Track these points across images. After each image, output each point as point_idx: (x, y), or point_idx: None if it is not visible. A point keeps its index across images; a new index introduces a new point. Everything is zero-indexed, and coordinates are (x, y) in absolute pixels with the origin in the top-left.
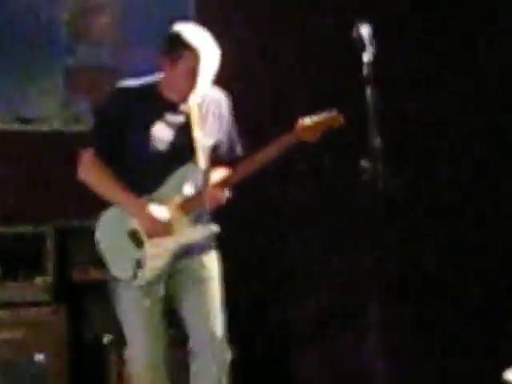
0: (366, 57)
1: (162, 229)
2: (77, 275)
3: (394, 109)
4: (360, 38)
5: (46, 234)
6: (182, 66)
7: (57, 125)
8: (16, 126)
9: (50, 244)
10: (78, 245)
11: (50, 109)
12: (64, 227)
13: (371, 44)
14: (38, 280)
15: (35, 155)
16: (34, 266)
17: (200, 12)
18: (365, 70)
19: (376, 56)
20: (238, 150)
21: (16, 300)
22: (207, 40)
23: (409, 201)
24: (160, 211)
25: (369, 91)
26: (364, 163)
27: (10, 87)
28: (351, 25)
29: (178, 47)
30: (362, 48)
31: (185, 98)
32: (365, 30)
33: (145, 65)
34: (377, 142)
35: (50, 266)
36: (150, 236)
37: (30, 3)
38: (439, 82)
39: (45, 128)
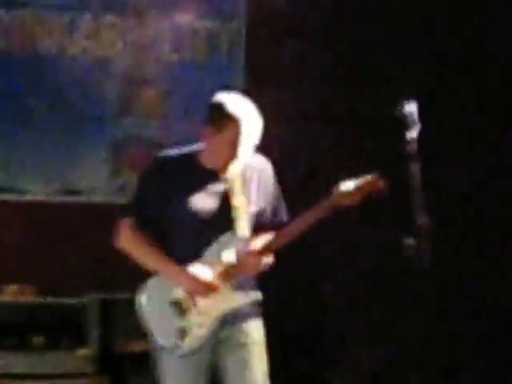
0: (412, 133)
1: (208, 288)
2: (120, 346)
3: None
4: (405, 117)
5: (89, 305)
6: (224, 136)
7: (103, 196)
8: (63, 198)
9: (93, 315)
10: (121, 316)
11: (97, 180)
12: (107, 299)
13: (417, 121)
14: (81, 351)
15: (82, 227)
16: (77, 337)
17: (249, 85)
18: (410, 147)
19: (421, 133)
20: (282, 216)
21: (59, 371)
22: (250, 110)
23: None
24: (204, 271)
25: (414, 168)
26: (408, 240)
27: (59, 158)
28: (398, 101)
29: (221, 117)
30: (409, 125)
31: (225, 167)
32: (411, 108)
33: (191, 137)
34: (422, 219)
35: (93, 336)
36: (195, 294)
37: (81, 77)
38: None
39: (92, 199)
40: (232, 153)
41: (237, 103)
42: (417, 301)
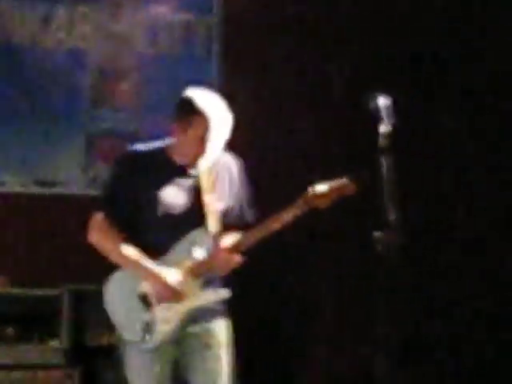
0: (383, 128)
1: (174, 294)
2: (90, 339)
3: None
4: (376, 109)
5: (61, 297)
6: (192, 132)
7: (77, 188)
8: (35, 189)
9: (65, 306)
10: (93, 309)
11: (70, 172)
12: (79, 291)
13: (389, 115)
14: (52, 343)
15: (53, 218)
16: (49, 329)
17: (223, 77)
18: (381, 141)
19: (393, 127)
20: (249, 216)
21: (29, 362)
22: (219, 106)
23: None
24: (172, 275)
25: (384, 162)
26: (377, 234)
27: (31, 150)
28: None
29: (189, 113)
30: (379, 119)
31: (194, 163)
32: (381, 101)
33: (166, 130)
34: (391, 213)
35: (64, 329)
36: (161, 301)
37: (55, 69)
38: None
39: (65, 191)
40: (199, 149)
41: (205, 99)
42: (388, 298)
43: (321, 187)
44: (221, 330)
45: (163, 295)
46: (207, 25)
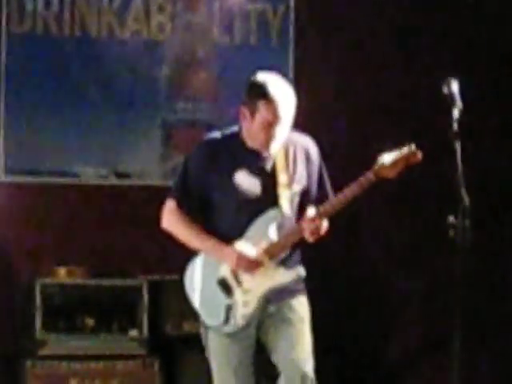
0: (456, 112)
1: (251, 263)
2: (170, 328)
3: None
4: (450, 94)
5: (140, 287)
6: (259, 116)
7: (155, 179)
8: (113, 181)
9: (144, 297)
10: (171, 298)
11: (148, 163)
12: (158, 280)
13: (460, 100)
14: (133, 332)
15: (132, 209)
16: (128, 319)
17: (298, 65)
18: (454, 126)
19: (465, 112)
20: (328, 194)
21: (109, 352)
22: (285, 91)
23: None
24: (247, 247)
25: (458, 147)
26: (451, 219)
27: (109, 142)
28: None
29: (256, 98)
30: (452, 103)
31: (265, 147)
32: (455, 86)
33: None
34: (465, 198)
35: (144, 319)
36: (239, 271)
37: (131, 61)
38: None
39: (142, 182)
40: (267, 134)
41: (273, 84)
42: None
43: (388, 157)
44: (300, 305)
45: (242, 267)
46: (282, 14)
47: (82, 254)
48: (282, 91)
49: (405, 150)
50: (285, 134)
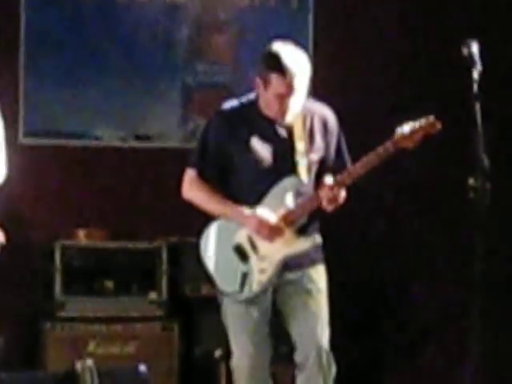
0: (475, 74)
1: (272, 230)
2: (189, 290)
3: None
4: (470, 55)
5: (159, 250)
6: (272, 89)
7: (174, 142)
8: (134, 143)
9: (163, 260)
10: (191, 261)
11: (167, 126)
12: (177, 243)
13: (479, 61)
14: (152, 295)
15: (152, 172)
16: (147, 282)
17: (317, 32)
18: (474, 87)
19: (484, 73)
20: (346, 164)
21: (129, 315)
22: (300, 62)
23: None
24: (267, 214)
25: (477, 108)
26: (471, 181)
27: (129, 105)
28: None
29: (269, 70)
30: (472, 65)
31: (280, 117)
32: (474, 48)
33: None
34: (485, 160)
35: (163, 281)
36: (260, 237)
37: (152, 23)
38: None
39: (162, 145)
40: (280, 106)
41: (288, 55)
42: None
43: (407, 127)
44: (319, 275)
45: (262, 233)
46: None
47: (102, 216)
48: (295, 63)
49: (423, 120)
50: (299, 104)
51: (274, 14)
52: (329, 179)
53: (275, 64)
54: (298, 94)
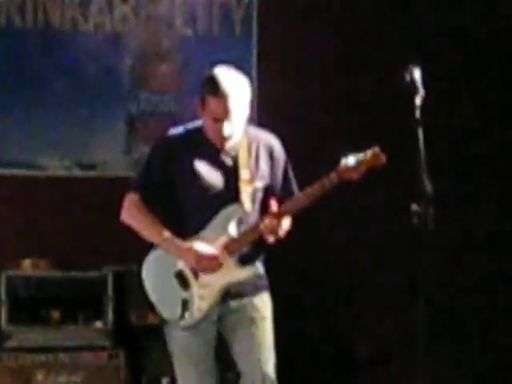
0: (418, 100)
1: (209, 263)
2: (135, 319)
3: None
4: (412, 81)
5: (105, 279)
6: (208, 111)
7: (119, 171)
8: (78, 172)
9: (109, 288)
10: (136, 289)
11: (111, 155)
12: (122, 271)
13: (422, 87)
14: (98, 324)
15: (96, 201)
16: (93, 311)
17: (262, 61)
18: (416, 113)
19: (426, 99)
20: (294, 191)
21: (75, 344)
22: (237, 86)
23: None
24: (205, 247)
25: (420, 134)
26: (414, 207)
27: (73, 133)
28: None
29: (205, 92)
30: (414, 91)
31: (219, 142)
32: (417, 73)
33: None
34: (427, 186)
35: (109, 310)
36: (198, 271)
37: (95, 52)
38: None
39: (107, 174)
40: (216, 128)
41: (221, 79)
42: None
43: (352, 159)
44: (263, 304)
45: (198, 266)
46: (245, 5)
47: (46, 247)
48: (230, 85)
49: (369, 152)
50: (239, 130)
51: (218, 42)
52: (273, 207)
53: (210, 86)
54: (235, 118)
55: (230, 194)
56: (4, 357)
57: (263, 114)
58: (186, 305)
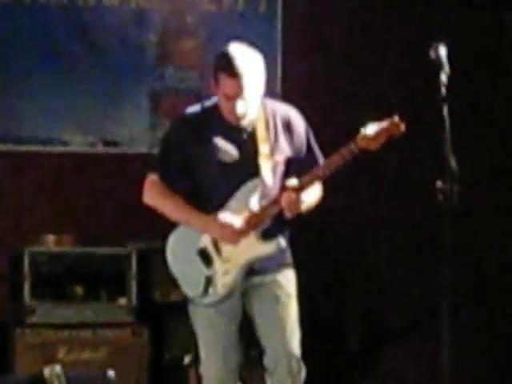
0: (443, 77)
1: (235, 234)
2: (158, 296)
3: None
4: (438, 59)
5: (129, 255)
6: (221, 88)
7: (142, 147)
8: (101, 149)
9: (133, 265)
10: (160, 266)
11: (135, 131)
12: (146, 248)
13: (448, 64)
14: (121, 301)
15: (120, 177)
16: (117, 287)
17: (286, 37)
18: (442, 90)
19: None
20: (320, 159)
21: (98, 321)
22: (250, 62)
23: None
24: (230, 218)
25: (445, 111)
26: (439, 184)
27: (97, 110)
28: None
29: (219, 70)
30: (440, 68)
31: (233, 119)
32: (442, 51)
33: None
34: (453, 162)
35: (133, 287)
36: (222, 240)
37: (119, 27)
38: None
39: (130, 151)
40: (229, 106)
41: (235, 57)
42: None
43: (371, 129)
44: (287, 280)
45: (225, 238)
46: None
47: (71, 223)
48: (244, 63)
49: (388, 121)
50: (254, 107)
51: (242, 18)
52: (292, 181)
53: (224, 64)
54: (248, 96)
55: (251, 169)
56: (27, 332)
57: (287, 90)
58: (209, 281)
